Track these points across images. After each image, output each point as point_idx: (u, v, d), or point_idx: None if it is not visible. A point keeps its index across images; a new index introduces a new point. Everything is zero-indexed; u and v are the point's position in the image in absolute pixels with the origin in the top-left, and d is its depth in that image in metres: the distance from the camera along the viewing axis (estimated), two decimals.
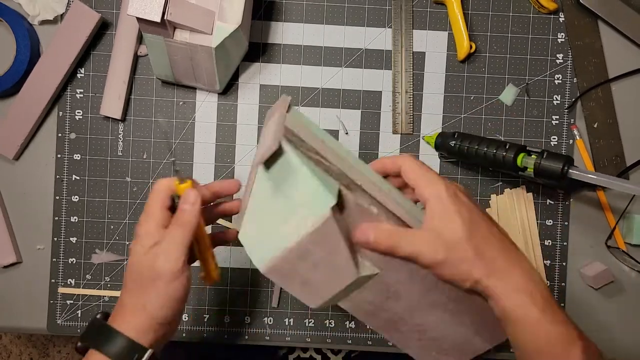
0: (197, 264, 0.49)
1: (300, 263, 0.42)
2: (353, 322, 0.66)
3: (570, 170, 0.54)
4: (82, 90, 0.65)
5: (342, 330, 0.66)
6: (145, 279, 0.44)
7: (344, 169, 0.43)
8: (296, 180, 0.41)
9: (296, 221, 0.40)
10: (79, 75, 0.65)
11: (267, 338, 0.66)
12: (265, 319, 0.65)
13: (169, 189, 0.47)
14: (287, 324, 0.65)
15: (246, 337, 0.66)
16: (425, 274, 0.44)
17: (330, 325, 0.66)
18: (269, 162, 0.42)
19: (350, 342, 0.66)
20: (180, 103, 0.65)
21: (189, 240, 0.45)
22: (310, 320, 0.66)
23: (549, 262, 0.65)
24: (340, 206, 0.42)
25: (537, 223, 0.65)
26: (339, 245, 0.41)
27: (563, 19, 0.65)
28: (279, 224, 0.41)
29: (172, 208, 0.47)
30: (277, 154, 0.42)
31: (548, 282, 0.65)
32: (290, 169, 0.41)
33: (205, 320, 0.66)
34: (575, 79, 0.65)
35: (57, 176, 0.65)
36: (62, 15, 0.64)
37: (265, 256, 0.42)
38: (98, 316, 0.47)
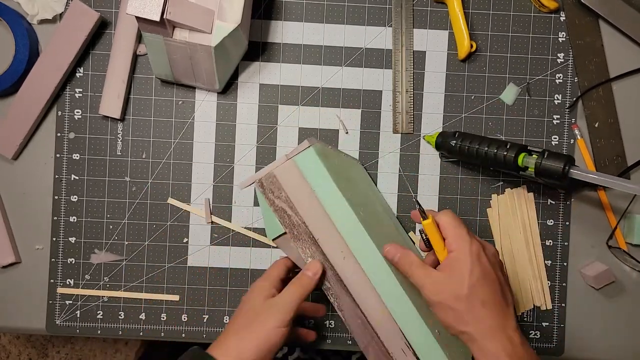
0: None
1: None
2: None
3: (571, 170, 0.54)
4: (81, 90, 0.65)
5: (342, 330, 0.65)
6: (255, 321, 0.50)
7: (308, 222, 0.52)
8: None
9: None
10: (78, 75, 0.65)
11: None
12: None
13: (288, 266, 0.56)
14: None
15: None
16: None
17: (330, 325, 0.66)
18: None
19: (350, 342, 0.66)
20: (180, 102, 0.65)
21: (302, 300, 0.52)
22: (310, 321, 0.65)
23: (549, 262, 0.65)
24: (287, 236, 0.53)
25: (538, 223, 0.65)
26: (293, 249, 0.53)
27: (564, 18, 0.65)
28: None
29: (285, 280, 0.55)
30: None
31: (549, 282, 0.65)
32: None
33: (205, 320, 0.65)
34: (576, 78, 0.65)
35: (56, 176, 0.65)
36: (61, 15, 0.64)
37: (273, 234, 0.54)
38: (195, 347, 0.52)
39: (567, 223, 0.65)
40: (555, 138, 0.65)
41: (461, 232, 0.49)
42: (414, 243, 0.64)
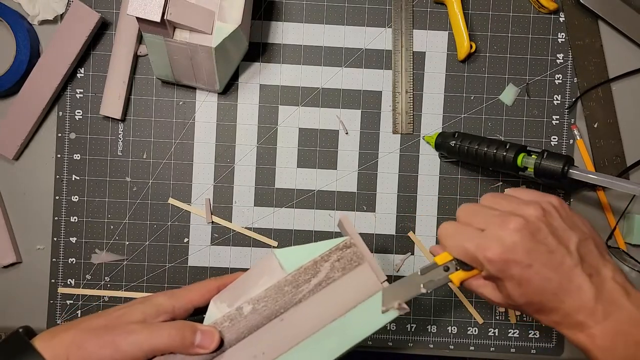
0: None
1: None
2: None
3: (570, 170, 0.54)
4: (82, 90, 0.65)
5: None
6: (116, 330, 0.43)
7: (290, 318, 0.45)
8: None
9: None
10: (78, 75, 0.65)
11: None
12: None
13: (215, 290, 0.47)
14: None
15: None
16: None
17: None
18: None
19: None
20: (180, 103, 0.65)
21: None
22: None
23: None
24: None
25: None
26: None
27: (563, 19, 0.65)
28: None
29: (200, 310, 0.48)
30: None
31: None
32: None
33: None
34: (575, 78, 0.65)
35: (57, 176, 0.65)
36: (62, 15, 0.64)
37: None
38: (20, 330, 0.44)
39: None
40: (555, 138, 0.66)
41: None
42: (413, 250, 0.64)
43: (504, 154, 0.57)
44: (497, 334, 0.65)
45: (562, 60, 0.65)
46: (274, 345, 0.44)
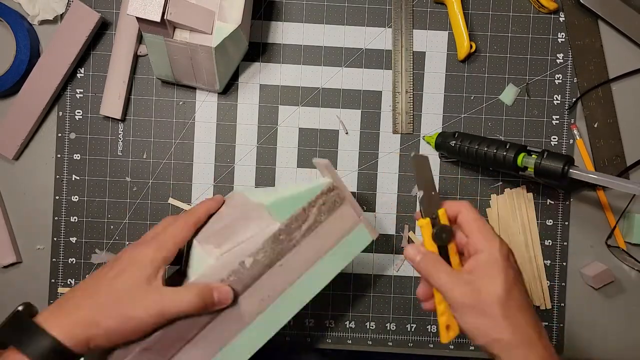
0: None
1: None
2: (353, 322, 0.66)
3: (570, 170, 0.54)
4: (82, 90, 0.65)
5: (342, 330, 0.66)
6: (122, 302, 0.44)
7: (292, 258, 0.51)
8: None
9: None
10: (78, 75, 0.65)
11: None
12: None
13: (193, 228, 0.50)
14: (287, 324, 0.65)
15: None
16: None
17: (330, 325, 0.66)
18: None
19: (350, 342, 0.66)
20: (180, 103, 0.65)
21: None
22: (310, 321, 0.66)
23: (549, 262, 0.65)
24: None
25: (538, 223, 0.65)
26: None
27: (563, 19, 0.65)
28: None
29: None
30: None
31: (548, 282, 0.65)
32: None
33: None
34: (575, 78, 0.65)
35: (57, 176, 0.65)
36: (62, 15, 0.64)
37: None
38: (20, 308, 0.43)
39: (567, 223, 0.65)
40: (555, 138, 0.66)
41: (490, 232, 0.45)
42: (411, 241, 0.64)
43: (504, 154, 0.57)
44: None
45: (562, 60, 0.65)
46: (275, 287, 0.50)
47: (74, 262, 0.65)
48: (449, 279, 0.44)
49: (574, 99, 0.65)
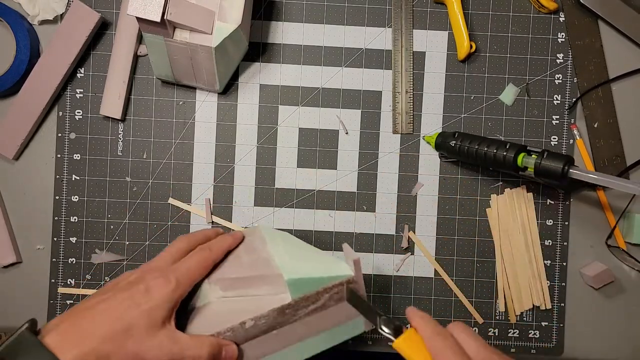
0: None
1: None
2: None
3: (570, 170, 0.54)
4: (82, 90, 0.65)
5: None
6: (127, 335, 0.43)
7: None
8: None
9: None
10: (78, 75, 0.65)
11: None
12: None
13: (211, 265, 0.51)
14: None
15: None
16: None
17: None
18: None
19: (350, 342, 0.66)
20: (180, 103, 0.65)
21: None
22: None
23: (549, 262, 0.65)
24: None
25: (537, 223, 0.65)
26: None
27: (563, 19, 0.65)
28: None
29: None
30: None
31: (548, 282, 0.65)
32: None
33: None
34: (575, 78, 0.65)
35: (57, 176, 0.65)
36: (62, 15, 0.64)
37: None
38: (26, 326, 0.41)
39: (567, 223, 0.65)
40: (555, 138, 0.66)
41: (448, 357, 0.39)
42: (398, 244, 0.64)
43: (504, 154, 0.57)
44: (497, 334, 0.65)
45: (562, 60, 0.65)
46: (263, 351, 0.50)
47: (74, 262, 0.65)
48: None
49: (574, 99, 0.65)
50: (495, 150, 0.58)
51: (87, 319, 0.43)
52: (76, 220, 0.65)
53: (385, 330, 0.44)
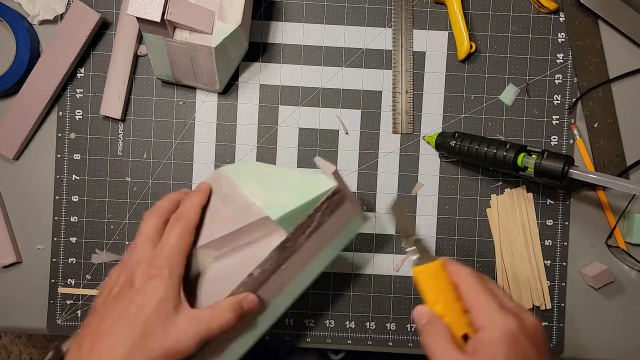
0: None
1: None
2: (353, 322, 0.66)
3: (570, 170, 0.54)
4: (82, 90, 0.65)
5: (342, 330, 0.66)
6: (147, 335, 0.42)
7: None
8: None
9: None
10: (78, 75, 0.65)
11: (267, 338, 0.66)
12: None
13: (194, 232, 0.49)
14: (286, 324, 0.65)
15: None
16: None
17: (330, 325, 0.66)
18: None
19: (350, 342, 0.66)
20: (180, 103, 0.65)
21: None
22: (310, 320, 0.66)
23: (549, 262, 0.65)
24: None
25: (537, 223, 0.65)
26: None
27: (563, 19, 0.65)
28: None
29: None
30: None
31: (548, 282, 0.65)
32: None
33: None
34: (575, 79, 0.65)
35: (57, 176, 0.65)
36: (62, 15, 0.64)
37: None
38: (51, 355, 0.42)
39: (567, 223, 0.65)
40: (555, 138, 0.66)
41: (491, 304, 0.41)
42: None
43: (504, 153, 0.58)
44: None
45: (562, 60, 0.65)
46: (278, 286, 0.51)
47: (74, 262, 0.65)
48: (442, 356, 0.40)
49: (574, 99, 0.65)
50: (495, 150, 0.58)
51: (102, 344, 0.42)
52: (76, 220, 0.65)
53: (410, 251, 0.45)
